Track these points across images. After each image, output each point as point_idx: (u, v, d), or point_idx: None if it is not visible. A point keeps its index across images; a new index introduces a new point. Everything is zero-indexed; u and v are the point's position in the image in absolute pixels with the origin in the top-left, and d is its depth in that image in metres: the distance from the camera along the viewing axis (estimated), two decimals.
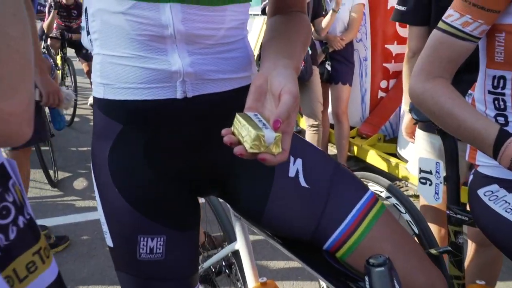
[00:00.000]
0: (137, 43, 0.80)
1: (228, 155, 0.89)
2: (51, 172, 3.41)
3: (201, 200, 1.50)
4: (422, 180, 1.40)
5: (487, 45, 1.01)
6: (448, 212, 1.30)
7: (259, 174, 0.92)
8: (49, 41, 5.18)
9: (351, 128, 3.79)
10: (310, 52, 3.28)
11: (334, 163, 0.95)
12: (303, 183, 0.91)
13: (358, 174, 1.61)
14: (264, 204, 0.92)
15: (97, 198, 0.92)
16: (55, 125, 4.25)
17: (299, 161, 0.93)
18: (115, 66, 0.83)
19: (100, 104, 0.89)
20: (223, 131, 0.68)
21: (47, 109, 3.75)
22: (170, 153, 0.89)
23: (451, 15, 0.96)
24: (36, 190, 3.38)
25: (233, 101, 0.86)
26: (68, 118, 5.07)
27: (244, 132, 0.65)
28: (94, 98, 0.91)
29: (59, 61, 5.51)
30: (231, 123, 0.69)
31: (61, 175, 3.68)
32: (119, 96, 0.85)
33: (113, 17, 0.79)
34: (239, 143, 0.66)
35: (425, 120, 1.37)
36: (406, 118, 1.78)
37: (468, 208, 1.24)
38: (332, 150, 4.13)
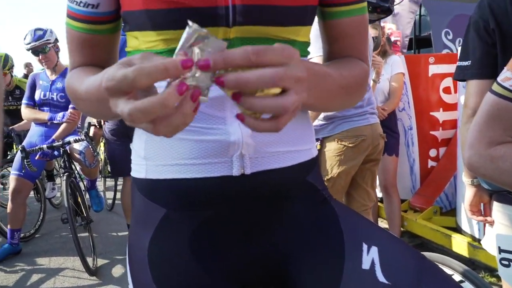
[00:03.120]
0: None
1: (290, 241, 0.75)
2: (89, 260, 3.29)
3: None
4: (503, 262, 1.17)
5: None
6: None
7: (324, 266, 0.75)
8: (92, 130, 5.30)
9: (402, 201, 3.54)
10: None
11: (418, 254, 0.76)
12: (381, 278, 0.71)
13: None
14: None
15: None
16: (93, 207, 4.24)
17: (374, 249, 0.74)
18: (163, 140, 0.72)
19: (141, 185, 0.76)
20: None
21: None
22: (223, 244, 0.74)
23: (509, 79, 0.81)
24: (73, 279, 3.25)
25: (293, 179, 0.74)
26: (109, 202, 5.07)
27: None
28: (134, 178, 0.79)
29: (102, 147, 5.61)
30: (291, 203, 0.55)
31: (100, 262, 3.55)
32: (164, 174, 0.72)
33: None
34: None
35: (500, 190, 1.18)
36: (469, 193, 1.54)
37: None
38: (382, 225, 3.85)
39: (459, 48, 3.34)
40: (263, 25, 0.70)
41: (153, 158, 0.73)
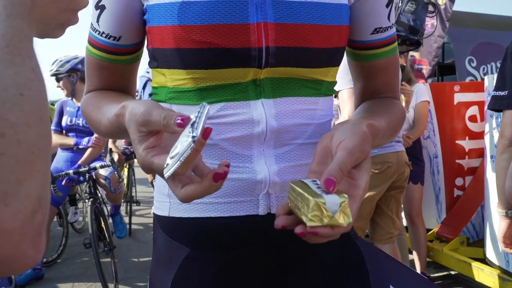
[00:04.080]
0: (219, 150, 0.69)
1: (315, 282, 0.75)
2: (111, 286, 3.29)
3: None
4: None
5: None
6: None
7: None
8: (116, 157, 5.35)
9: (427, 230, 3.46)
10: None
11: None
12: None
13: None
14: None
15: None
16: (116, 233, 4.24)
17: None
18: None
19: (163, 223, 0.75)
20: (278, 210, 0.55)
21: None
22: (246, 286, 0.73)
23: None
24: None
25: None
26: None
27: (300, 203, 0.50)
28: (156, 215, 0.78)
29: (125, 172, 5.66)
30: (318, 247, 0.56)
31: None
32: (188, 213, 0.71)
33: None
34: (298, 222, 0.51)
35: None
36: (502, 224, 1.49)
37: None
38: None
39: (485, 77, 3.32)
40: (294, 66, 0.70)
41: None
